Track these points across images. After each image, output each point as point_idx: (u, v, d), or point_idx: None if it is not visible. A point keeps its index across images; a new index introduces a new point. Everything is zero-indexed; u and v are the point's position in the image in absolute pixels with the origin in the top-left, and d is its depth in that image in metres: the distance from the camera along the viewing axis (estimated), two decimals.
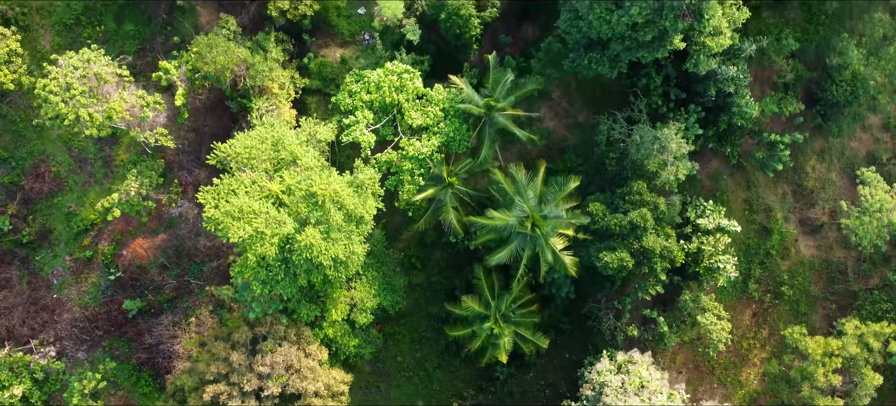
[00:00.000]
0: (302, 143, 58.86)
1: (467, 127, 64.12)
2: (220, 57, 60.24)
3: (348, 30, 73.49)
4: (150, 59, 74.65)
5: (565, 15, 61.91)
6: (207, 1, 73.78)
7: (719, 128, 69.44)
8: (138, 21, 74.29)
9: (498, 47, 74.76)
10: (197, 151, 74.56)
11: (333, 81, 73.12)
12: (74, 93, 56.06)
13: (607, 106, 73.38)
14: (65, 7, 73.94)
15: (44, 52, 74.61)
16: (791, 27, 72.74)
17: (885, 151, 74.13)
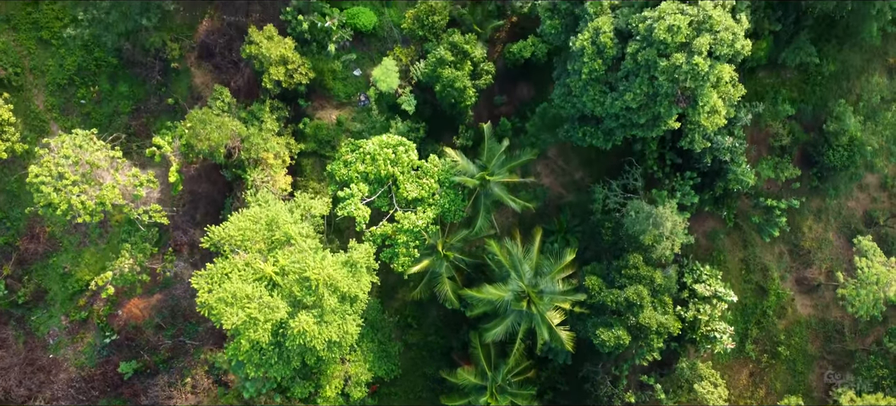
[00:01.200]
0: (296, 221, 58.57)
1: (462, 197, 63.87)
2: (214, 133, 59.97)
3: (344, 92, 73.21)
4: (144, 120, 74.47)
5: (559, 90, 61.62)
6: (202, 63, 73.55)
7: (715, 192, 69.21)
8: (133, 82, 73.99)
9: (493, 107, 74.55)
10: (192, 212, 74.39)
11: (329, 143, 72.91)
12: (66, 182, 55.75)
13: (603, 164, 73.19)
14: (58, 67, 73.64)
15: (37, 111, 74.39)
16: (787, 87, 72.44)
17: (883, 211, 73.86)
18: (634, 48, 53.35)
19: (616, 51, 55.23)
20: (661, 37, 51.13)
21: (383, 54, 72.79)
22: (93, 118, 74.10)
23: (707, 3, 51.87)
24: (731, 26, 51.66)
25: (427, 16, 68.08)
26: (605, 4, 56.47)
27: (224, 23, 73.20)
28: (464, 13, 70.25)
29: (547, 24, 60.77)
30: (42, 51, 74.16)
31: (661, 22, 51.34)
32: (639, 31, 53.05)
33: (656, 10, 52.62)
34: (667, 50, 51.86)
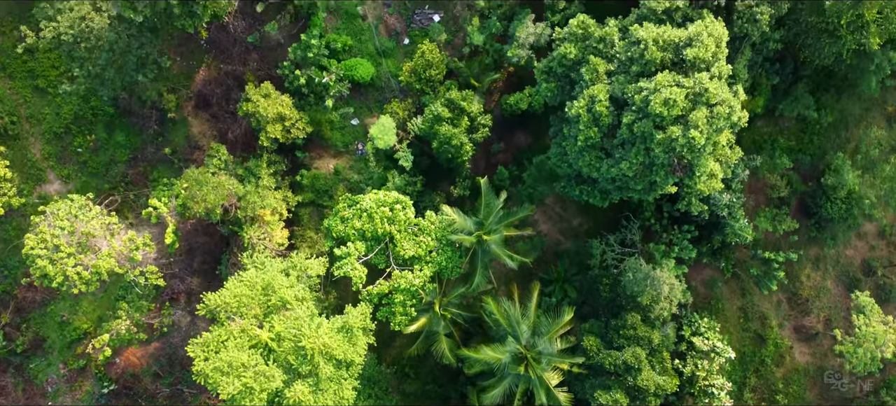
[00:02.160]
0: (292, 284, 58.49)
1: (460, 254, 63.75)
2: (211, 195, 59.86)
3: (342, 141, 73.04)
4: (141, 169, 74.36)
5: (555, 149, 61.47)
6: (199, 113, 73.39)
7: (713, 245, 69.07)
8: (129, 131, 73.85)
9: (490, 155, 74.34)
10: (189, 261, 74.33)
11: (327, 193, 72.78)
12: (62, 254, 55.68)
13: (601, 213, 72.89)
14: (54, 116, 73.49)
15: (34, 160, 74.29)
16: (785, 137, 72.21)
17: (881, 260, 73.68)
18: (630, 119, 53.14)
19: (612, 119, 55.05)
20: (658, 110, 50.92)
21: (381, 104, 72.64)
22: (89, 167, 74.02)
23: (703, 74, 51.63)
24: (728, 99, 51.43)
25: (424, 69, 67.86)
26: (601, 71, 56.26)
27: (221, 72, 73.02)
28: (461, 66, 70.02)
29: (543, 87, 60.59)
30: (38, 99, 74.03)
31: (658, 95, 51.11)
32: (635, 101, 52.84)
33: (652, 81, 52.40)
34: (663, 122, 51.64)
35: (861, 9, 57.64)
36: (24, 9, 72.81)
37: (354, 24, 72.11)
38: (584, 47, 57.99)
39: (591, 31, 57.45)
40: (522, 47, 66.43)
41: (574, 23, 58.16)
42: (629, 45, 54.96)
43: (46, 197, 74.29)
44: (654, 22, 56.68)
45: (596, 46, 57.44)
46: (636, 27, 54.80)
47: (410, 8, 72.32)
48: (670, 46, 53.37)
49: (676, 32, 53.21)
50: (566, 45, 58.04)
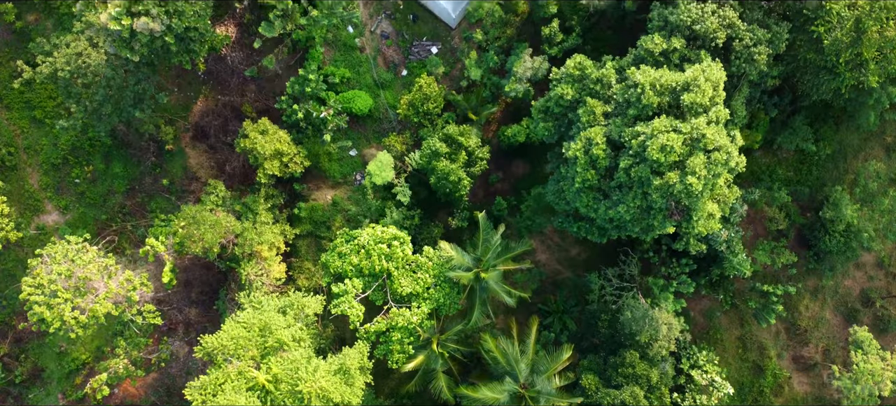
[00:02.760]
0: (289, 324, 58.44)
1: (458, 290, 63.68)
2: (208, 234, 59.79)
3: (340, 172, 72.93)
4: (139, 200, 74.30)
5: (552, 186, 61.39)
6: (197, 144, 73.28)
7: (712, 278, 68.98)
8: (127, 162, 73.78)
9: (488, 185, 74.21)
10: (187, 291, 74.28)
11: (325, 224, 72.69)
12: (59, 300, 55.67)
13: (599, 243, 72.81)
14: (52, 147, 73.42)
15: (32, 190, 74.25)
16: (783, 167, 72.06)
17: (879, 290, 73.56)
18: (627, 163, 53.02)
19: (609, 161, 54.93)
20: (655, 156, 50.79)
21: (379, 135, 72.51)
22: (87, 197, 73.96)
23: (700, 120, 51.51)
24: (725, 145, 51.30)
25: (422, 103, 67.75)
26: (598, 113, 56.15)
27: (219, 103, 72.90)
28: (458, 99, 69.89)
29: (540, 127, 60.48)
30: (36, 130, 73.97)
31: (655, 140, 50.98)
32: (632, 146, 52.71)
33: (649, 126, 52.26)
34: (660, 168, 51.52)
35: (860, 48, 57.48)
36: (22, 40, 72.75)
37: (352, 56, 71.98)
38: (581, 88, 57.86)
39: (588, 72, 57.33)
40: (520, 82, 66.32)
41: (570, 64, 58.03)
42: (626, 88, 54.83)
43: (44, 227, 74.29)
44: (652, 64, 56.54)
45: (592, 87, 57.31)
46: (633, 70, 54.67)
47: (408, 40, 72.17)
48: (667, 91, 53.24)
49: (673, 77, 53.07)
50: (563, 86, 57.91)
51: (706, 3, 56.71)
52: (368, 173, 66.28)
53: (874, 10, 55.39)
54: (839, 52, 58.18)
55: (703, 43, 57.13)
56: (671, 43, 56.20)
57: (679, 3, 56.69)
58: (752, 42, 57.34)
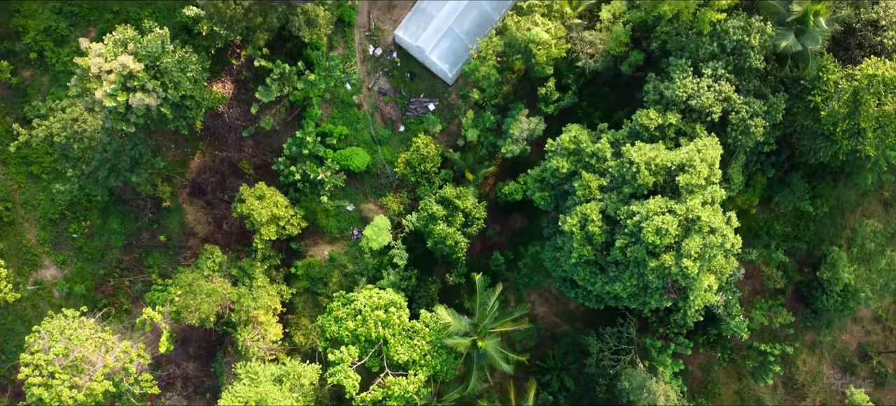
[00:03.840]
0: (285, 395, 58.54)
1: (455, 356, 63.76)
2: (205, 304, 59.91)
3: (337, 227, 72.94)
4: (137, 255, 74.33)
5: (549, 253, 61.41)
6: (194, 200, 73.27)
7: (710, 337, 69.05)
8: (124, 217, 73.78)
9: (486, 239, 74.17)
10: (184, 348, 74.36)
11: (322, 280, 72.72)
12: (57, 381, 55.78)
13: None
14: (49, 202, 73.36)
15: (29, 245, 74.28)
16: (781, 223, 72.04)
17: (876, 345, 73.68)
18: (623, 242, 53.03)
19: (605, 237, 54.91)
20: (650, 239, 50.78)
21: (377, 190, 72.52)
22: (85, 252, 74.00)
23: (695, 200, 51.47)
24: (721, 228, 51.28)
25: (419, 163, 67.72)
26: (593, 187, 56.11)
27: (216, 159, 72.83)
28: (455, 157, 69.83)
29: (536, 196, 60.48)
30: (33, 185, 73.95)
31: (650, 223, 50.96)
32: (627, 225, 52.68)
33: (644, 206, 52.23)
34: (656, 249, 51.51)
35: (857, 119, 57.38)
36: (18, 96, 72.64)
37: (350, 113, 71.91)
38: (577, 160, 57.82)
39: (584, 145, 57.28)
40: (516, 143, 66.24)
41: (565, 138, 58.01)
42: (622, 164, 54.76)
43: (42, 282, 74.37)
44: (647, 138, 56.48)
45: (588, 161, 57.26)
46: (628, 148, 54.61)
47: (406, 97, 72.09)
48: (662, 170, 53.17)
49: (669, 156, 53.03)
50: (558, 159, 57.89)
51: (702, 78, 56.60)
52: (366, 238, 66.24)
53: (872, 84, 55.25)
54: (836, 122, 58.10)
55: (698, 116, 57.04)
56: (666, 118, 56.15)
57: (674, 77, 56.58)
58: (748, 115, 57.26)
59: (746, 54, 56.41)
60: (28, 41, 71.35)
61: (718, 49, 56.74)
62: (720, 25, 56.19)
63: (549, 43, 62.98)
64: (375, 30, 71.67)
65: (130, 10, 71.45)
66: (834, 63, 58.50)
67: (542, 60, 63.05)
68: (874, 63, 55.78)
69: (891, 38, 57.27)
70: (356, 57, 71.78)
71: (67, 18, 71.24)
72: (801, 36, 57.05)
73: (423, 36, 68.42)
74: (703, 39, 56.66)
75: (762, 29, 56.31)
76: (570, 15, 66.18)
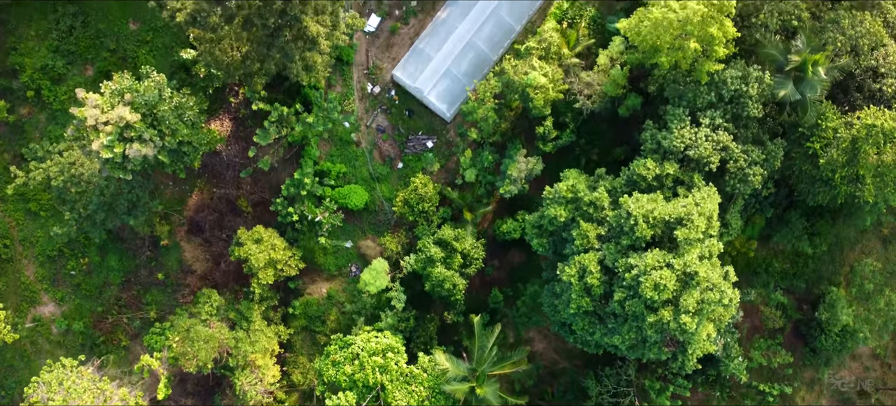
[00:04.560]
0: None
1: (453, 401, 63.71)
2: (202, 351, 59.94)
3: (335, 264, 72.87)
4: (135, 292, 74.31)
5: (548, 299, 61.33)
6: (192, 238, 73.20)
7: (708, 378, 69.00)
8: (122, 255, 73.73)
9: (484, 276, 74.00)
10: (183, 386, 74.27)
11: (320, 318, 72.66)
12: None
13: None
14: (47, 239, 73.27)
15: (28, 282, 74.27)
16: (780, 260, 71.89)
17: (875, 381, 73.64)
18: (621, 296, 52.96)
19: (604, 288, 54.81)
20: (648, 294, 50.69)
21: (375, 227, 72.44)
22: (83, 289, 73.97)
23: (693, 254, 51.36)
24: (718, 284, 51.19)
25: (418, 203, 67.61)
26: (591, 237, 56.00)
27: (214, 196, 72.77)
28: (454, 196, 69.70)
29: (534, 243, 60.40)
30: (31, 222, 73.92)
31: (648, 278, 50.85)
32: (625, 279, 52.58)
33: (642, 260, 52.11)
34: (654, 304, 51.43)
35: (856, 167, 57.20)
36: (15, 133, 72.56)
37: (348, 151, 71.75)
38: (574, 209, 57.70)
39: (581, 194, 57.14)
40: (514, 183, 66.09)
41: (563, 187, 57.89)
42: (619, 216, 54.62)
43: (41, 319, 74.37)
44: (645, 188, 56.34)
45: (586, 210, 57.12)
46: (626, 199, 54.48)
47: (404, 134, 71.93)
48: (660, 223, 53.04)
49: (666, 209, 52.90)
50: (555, 207, 57.75)
51: (700, 128, 56.41)
52: (363, 282, 66.12)
53: (871, 134, 55.03)
54: (835, 169, 57.94)
55: (696, 166, 56.87)
56: (664, 168, 55.98)
57: (672, 127, 56.41)
58: (746, 163, 57.08)
59: (744, 103, 56.22)
60: (25, 79, 71.29)
61: (716, 98, 56.56)
62: (718, 75, 55.99)
63: (547, 87, 62.82)
64: (374, 68, 71.53)
65: (127, 47, 71.37)
66: (833, 110, 58.32)
67: (540, 104, 62.91)
68: (873, 113, 55.58)
69: (890, 86, 57.04)
70: (354, 95, 71.65)
71: (64, 57, 71.18)
72: (799, 84, 56.84)
73: (421, 77, 68.28)
74: (700, 88, 56.47)
75: (760, 78, 56.12)
76: (567, 55, 66.02)
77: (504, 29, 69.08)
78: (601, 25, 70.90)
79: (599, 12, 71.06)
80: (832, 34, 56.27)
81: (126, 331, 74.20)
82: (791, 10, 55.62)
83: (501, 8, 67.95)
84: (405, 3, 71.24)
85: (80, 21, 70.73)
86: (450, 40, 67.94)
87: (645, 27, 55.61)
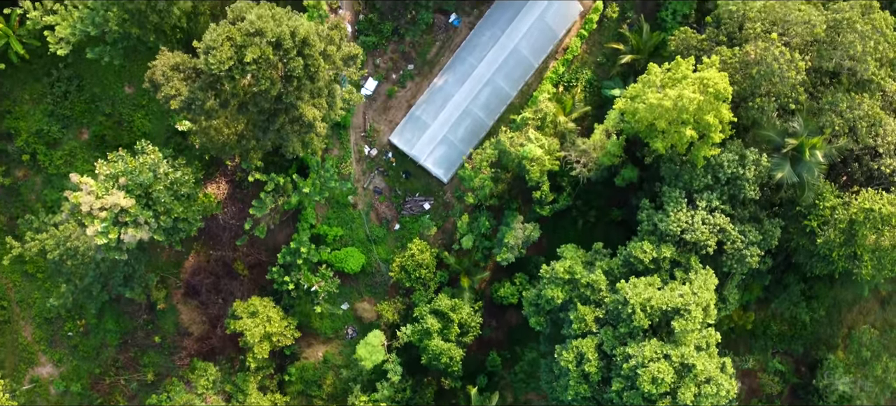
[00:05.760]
0: None
1: None
2: None
3: (331, 328, 72.79)
4: (132, 354, 74.29)
5: (546, 376, 61.24)
6: (188, 300, 73.11)
7: None
8: (119, 317, 73.67)
9: (482, 337, 73.84)
10: None
11: (316, 383, 72.58)
12: None
13: None
14: (44, 300, 73.16)
15: (26, 343, 74.31)
16: (778, 323, 71.75)
17: None
18: (619, 386, 52.87)
19: (601, 374, 54.72)
20: (646, 388, 50.61)
21: (372, 289, 72.31)
22: (80, 351, 73.94)
23: (690, 346, 51.26)
24: (715, 377, 51.10)
25: (414, 269, 67.43)
26: (589, 320, 55.87)
27: (211, 259, 72.62)
28: (451, 261, 69.51)
29: (532, 320, 60.34)
30: (27, 284, 73.86)
31: (645, 371, 50.76)
32: (623, 369, 52.49)
33: (640, 349, 52.02)
34: (651, 397, 51.35)
35: (854, 247, 57.03)
36: (11, 195, 72.41)
37: (345, 214, 71.56)
38: (571, 290, 57.56)
39: (578, 276, 56.98)
40: (512, 251, 65.85)
41: (560, 269, 57.70)
42: (617, 302, 54.48)
43: (38, 380, 74.40)
44: (642, 270, 56.18)
45: (583, 292, 56.98)
46: (623, 285, 54.30)
47: (401, 195, 71.73)
48: (658, 312, 52.91)
49: (664, 298, 52.76)
50: (553, 289, 57.59)
51: (696, 210, 56.19)
52: (359, 358, 65.94)
53: (869, 218, 54.80)
54: (832, 248, 57.79)
55: (693, 248, 56.70)
56: (661, 251, 55.80)
57: (668, 210, 56.19)
58: (743, 245, 56.89)
59: (741, 185, 55.98)
60: (20, 144, 71.11)
61: (712, 180, 56.35)
62: (714, 158, 55.74)
63: (543, 159, 62.53)
64: (371, 130, 71.28)
65: (123, 112, 71.10)
66: (830, 189, 58.07)
67: (536, 176, 62.62)
68: (871, 196, 55.34)
69: (888, 166, 56.74)
70: (351, 157, 71.43)
71: (59, 121, 70.94)
72: (797, 165, 56.61)
73: (418, 144, 68.02)
74: (697, 171, 56.22)
75: (757, 161, 55.86)
76: (563, 122, 65.72)
77: (500, 96, 68.79)
78: (597, 88, 70.79)
79: (595, 75, 70.93)
80: (830, 117, 55.97)
81: (123, 392, 74.23)
82: (788, 93, 55.31)
83: (498, 75, 67.61)
84: (402, 67, 70.96)
85: (75, 85, 70.48)
86: (447, 108, 67.67)
87: (641, 109, 55.37)
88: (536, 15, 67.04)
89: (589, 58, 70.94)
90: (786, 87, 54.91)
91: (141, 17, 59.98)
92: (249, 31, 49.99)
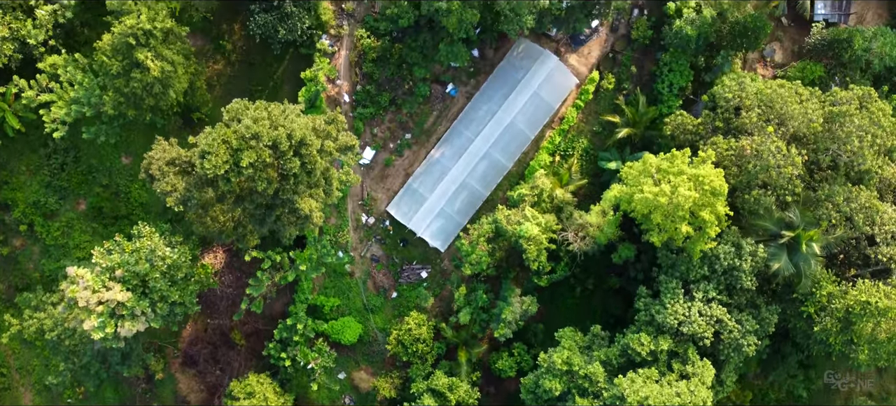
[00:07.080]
0: None
1: None
2: None
3: (329, 398, 72.88)
4: None
5: None
6: (186, 370, 73.26)
7: None
8: (118, 385, 73.83)
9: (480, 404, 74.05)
10: None
11: None
12: None
13: None
14: (43, 368, 73.34)
15: None
16: (775, 390, 71.83)
17: None
18: None
19: None
20: None
21: (369, 358, 72.41)
22: None
23: None
24: None
25: (411, 343, 67.47)
26: None
27: (209, 327, 72.74)
28: (449, 334, 69.52)
29: (529, 400, 60.33)
30: (27, 351, 73.99)
31: None
32: None
33: None
34: None
35: (851, 335, 57.04)
36: (9, 264, 72.46)
37: (342, 283, 71.58)
38: (569, 381, 57.63)
39: (576, 368, 57.03)
40: (509, 327, 65.81)
41: (557, 359, 57.74)
42: (615, 398, 54.54)
43: None
44: (640, 362, 56.26)
45: (581, 383, 57.05)
46: (621, 380, 54.36)
47: (398, 264, 71.72)
48: None
49: (662, 397, 52.77)
50: (550, 380, 57.65)
51: (693, 301, 56.18)
52: None
53: (866, 311, 54.77)
54: (829, 336, 57.83)
55: (690, 339, 56.74)
56: (659, 343, 55.81)
57: (665, 302, 56.18)
58: (740, 335, 56.91)
59: (738, 276, 55.95)
60: (17, 214, 71.10)
61: (709, 271, 56.31)
62: (711, 251, 55.69)
63: (540, 237, 62.46)
64: (368, 199, 71.21)
65: (120, 182, 71.03)
66: (827, 277, 57.99)
67: (533, 255, 62.55)
68: (868, 288, 55.29)
69: (885, 255, 56.63)
70: (349, 225, 71.36)
71: (56, 192, 70.86)
72: (793, 254, 56.55)
73: (415, 217, 67.96)
74: (693, 263, 56.19)
75: (754, 252, 55.80)
76: (561, 195, 65.60)
77: (497, 168, 68.69)
78: (594, 156, 70.64)
79: (592, 144, 70.78)
80: (827, 210, 55.86)
81: None
82: (785, 185, 55.20)
83: (494, 149, 67.49)
84: (399, 137, 70.83)
85: (72, 156, 70.38)
86: (444, 181, 67.59)
87: (637, 198, 55.26)
88: (533, 89, 66.87)
89: (585, 127, 70.83)
90: (783, 179, 54.79)
91: (137, 100, 59.91)
92: (245, 135, 49.85)
